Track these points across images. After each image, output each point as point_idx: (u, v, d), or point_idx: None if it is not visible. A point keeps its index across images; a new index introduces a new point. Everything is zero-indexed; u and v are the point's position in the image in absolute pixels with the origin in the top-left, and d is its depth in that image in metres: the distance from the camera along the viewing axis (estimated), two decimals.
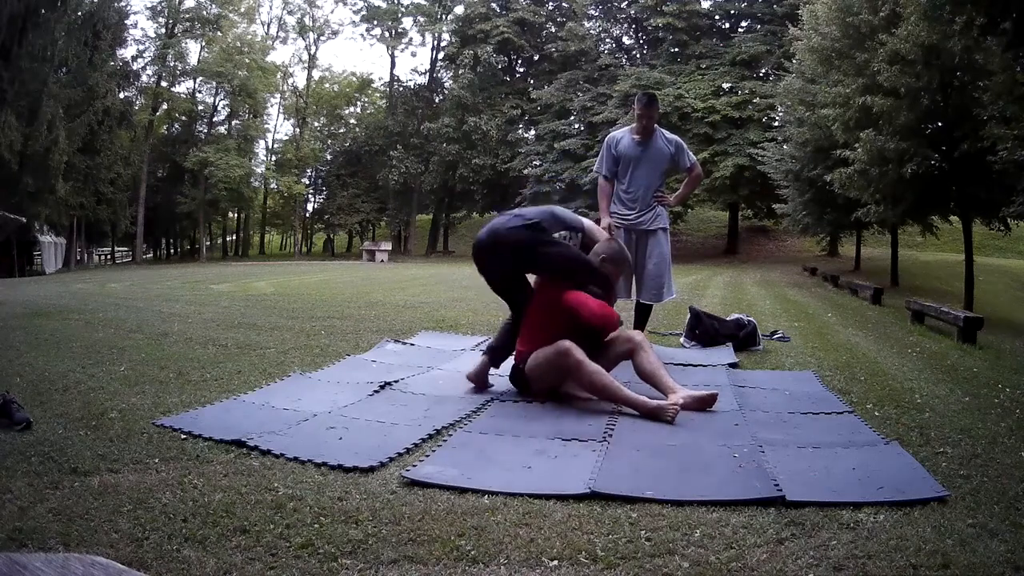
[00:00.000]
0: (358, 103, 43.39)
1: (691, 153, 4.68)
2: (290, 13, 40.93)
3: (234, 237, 45.09)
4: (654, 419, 2.84)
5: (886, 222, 13.55)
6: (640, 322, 4.69)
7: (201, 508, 1.90)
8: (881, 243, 21.63)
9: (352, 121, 42.65)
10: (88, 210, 27.56)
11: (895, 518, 1.87)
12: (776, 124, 23.83)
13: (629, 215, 4.50)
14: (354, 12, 44.67)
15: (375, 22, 38.64)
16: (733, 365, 4.16)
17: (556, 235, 3.41)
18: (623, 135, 4.61)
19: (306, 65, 41.27)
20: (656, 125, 4.56)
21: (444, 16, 36.41)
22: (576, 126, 30.25)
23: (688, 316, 5.08)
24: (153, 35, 35.79)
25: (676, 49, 30.02)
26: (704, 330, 4.89)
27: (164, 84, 35.95)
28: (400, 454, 2.40)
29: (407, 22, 38.64)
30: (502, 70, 35.08)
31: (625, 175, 4.51)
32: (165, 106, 36.89)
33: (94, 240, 33.78)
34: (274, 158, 39.67)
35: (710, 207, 31.67)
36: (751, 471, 2.23)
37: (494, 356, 3.51)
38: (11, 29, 18.71)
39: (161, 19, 35.35)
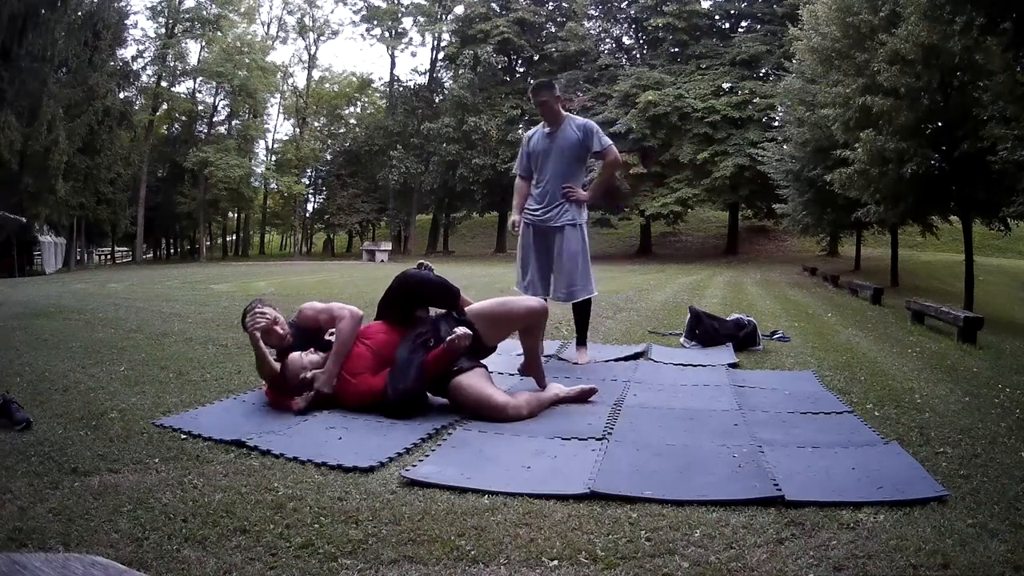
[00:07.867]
0: (358, 103, 43.41)
1: (605, 136, 4.24)
2: (290, 13, 41.04)
3: (234, 237, 45.12)
4: (584, 401, 3.15)
5: (886, 222, 13.55)
6: (578, 324, 4.36)
7: (201, 508, 1.90)
8: (881, 243, 21.62)
9: (352, 121, 42.68)
10: (88, 210, 27.55)
11: (895, 518, 1.86)
12: (776, 124, 23.84)
13: (537, 211, 4.24)
14: (354, 12, 44.81)
15: (375, 22, 38.69)
16: (733, 365, 4.15)
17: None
18: (536, 131, 4.34)
19: (306, 65, 41.37)
20: (568, 113, 4.27)
21: (444, 16, 36.43)
22: None
23: (688, 316, 5.08)
24: (153, 35, 35.89)
25: (676, 49, 30.06)
26: (704, 330, 4.89)
27: (164, 84, 35.98)
28: (400, 454, 2.40)
29: (407, 22, 38.75)
30: (502, 70, 35.07)
31: (537, 170, 4.27)
32: (165, 106, 36.92)
33: (94, 240, 33.80)
34: (274, 158, 39.69)
35: (710, 207, 31.66)
36: (751, 471, 2.23)
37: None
38: (11, 29, 18.68)
39: (161, 19, 35.40)
